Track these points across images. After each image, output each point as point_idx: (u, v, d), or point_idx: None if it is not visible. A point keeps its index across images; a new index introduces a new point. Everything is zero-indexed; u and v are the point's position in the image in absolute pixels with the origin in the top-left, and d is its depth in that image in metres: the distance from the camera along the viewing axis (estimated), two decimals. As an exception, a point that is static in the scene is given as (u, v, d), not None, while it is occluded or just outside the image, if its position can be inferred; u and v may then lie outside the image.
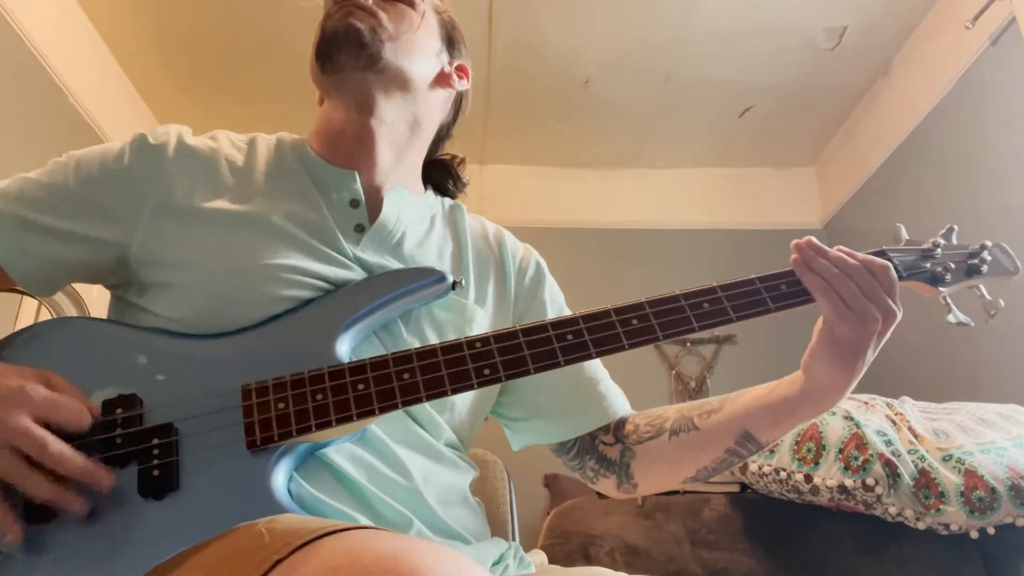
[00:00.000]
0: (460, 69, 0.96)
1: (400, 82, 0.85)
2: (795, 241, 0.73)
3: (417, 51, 0.87)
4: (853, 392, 1.56)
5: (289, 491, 0.64)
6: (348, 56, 0.81)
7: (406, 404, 0.67)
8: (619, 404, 0.90)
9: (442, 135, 0.99)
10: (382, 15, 0.84)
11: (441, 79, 0.91)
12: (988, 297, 0.80)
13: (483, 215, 1.00)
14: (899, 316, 0.71)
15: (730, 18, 2.69)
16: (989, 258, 0.80)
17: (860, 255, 0.72)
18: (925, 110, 2.74)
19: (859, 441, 1.31)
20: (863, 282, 0.70)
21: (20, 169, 0.83)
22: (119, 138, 0.81)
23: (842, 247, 0.73)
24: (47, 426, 0.60)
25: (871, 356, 0.71)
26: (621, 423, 0.88)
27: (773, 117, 3.26)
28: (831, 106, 3.22)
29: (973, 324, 0.78)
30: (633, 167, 3.66)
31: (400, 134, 0.87)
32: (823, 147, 3.52)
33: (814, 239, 0.72)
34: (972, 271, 0.80)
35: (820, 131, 3.41)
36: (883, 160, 3.03)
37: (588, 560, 1.44)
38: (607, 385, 0.91)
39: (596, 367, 0.91)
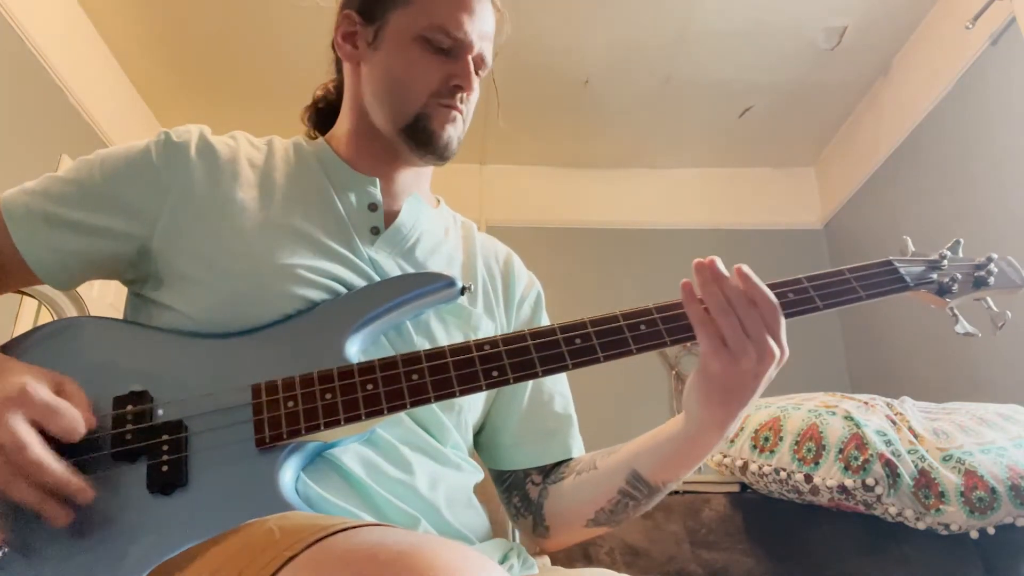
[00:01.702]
0: None
1: None
2: (697, 261, 0.68)
3: None
4: (853, 392, 1.56)
5: (296, 490, 0.64)
6: (436, 161, 0.88)
7: (415, 404, 0.67)
8: (560, 451, 0.88)
9: None
10: (469, 116, 0.89)
11: None
12: (995, 309, 0.80)
13: (483, 215, 1.01)
14: (779, 356, 0.66)
15: (730, 18, 2.69)
16: (996, 270, 0.80)
17: (759, 288, 0.67)
18: (925, 110, 2.74)
19: (859, 441, 1.31)
20: (747, 318, 0.65)
21: (21, 169, 0.84)
22: (119, 138, 0.82)
23: (742, 268, 0.67)
24: (43, 431, 0.60)
25: (751, 396, 0.67)
26: (557, 467, 0.88)
27: (773, 117, 3.26)
28: (831, 106, 3.22)
29: (980, 335, 0.77)
30: (633, 167, 3.65)
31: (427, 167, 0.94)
32: (823, 147, 3.52)
33: (718, 261, 0.67)
34: (979, 283, 0.80)
35: (820, 131, 3.41)
36: (883, 160, 3.03)
37: (588, 560, 1.44)
38: (566, 430, 0.90)
39: (567, 407, 0.91)
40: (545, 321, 0.96)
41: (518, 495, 0.88)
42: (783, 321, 0.67)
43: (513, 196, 3.58)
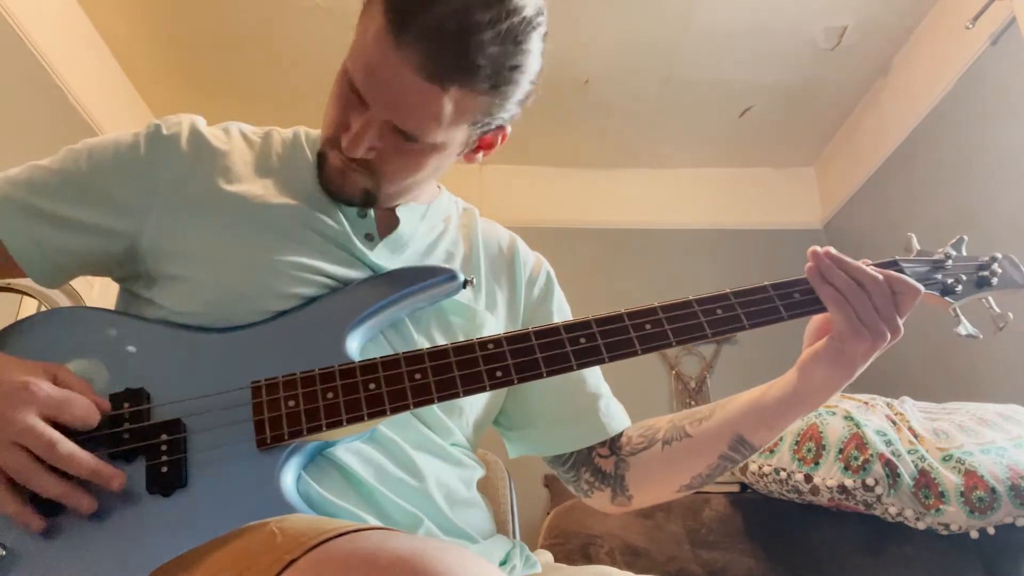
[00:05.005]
0: (487, 141, 0.83)
1: (407, 196, 0.84)
2: (812, 249, 0.71)
3: (422, 181, 0.81)
4: (853, 392, 1.57)
5: (297, 490, 0.64)
6: (346, 202, 0.80)
7: (418, 405, 0.66)
8: (619, 420, 0.89)
9: None
10: (379, 169, 0.76)
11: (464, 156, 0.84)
12: (996, 310, 0.79)
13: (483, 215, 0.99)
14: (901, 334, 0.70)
15: (730, 18, 2.69)
16: (1000, 270, 0.79)
17: (887, 272, 0.71)
18: (925, 110, 2.74)
19: (859, 441, 1.31)
20: (879, 299, 0.69)
21: (20, 169, 0.82)
22: (119, 138, 0.80)
23: (867, 260, 0.72)
24: (55, 424, 0.59)
25: (863, 366, 0.71)
26: (617, 436, 0.88)
27: (773, 117, 3.26)
28: (831, 106, 3.22)
29: (982, 336, 0.76)
30: (633, 167, 3.65)
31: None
32: (823, 147, 3.52)
33: (833, 249, 0.71)
34: (982, 283, 0.79)
35: (820, 131, 3.41)
36: (883, 160, 3.03)
37: (588, 560, 1.44)
38: (608, 401, 0.90)
39: (598, 380, 0.91)
40: (559, 300, 0.94)
41: (588, 471, 0.87)
42: (916, 303, 0.71)
43: (513, 196, 3.58)
